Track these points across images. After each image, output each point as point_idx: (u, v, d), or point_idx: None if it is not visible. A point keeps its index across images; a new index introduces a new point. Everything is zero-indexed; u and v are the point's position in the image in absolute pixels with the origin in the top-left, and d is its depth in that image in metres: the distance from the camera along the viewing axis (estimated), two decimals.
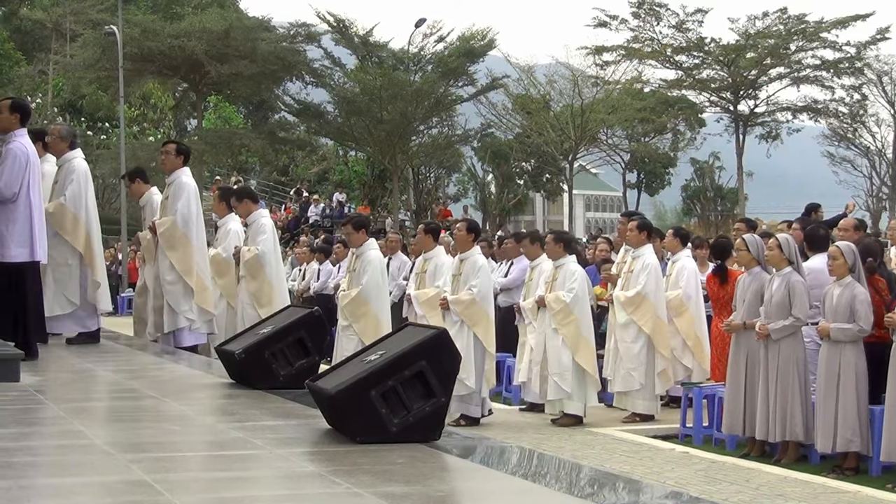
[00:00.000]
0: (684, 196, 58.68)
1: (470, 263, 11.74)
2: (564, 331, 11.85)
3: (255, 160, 56.09)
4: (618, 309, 12.34)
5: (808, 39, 47.51)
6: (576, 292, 11.86)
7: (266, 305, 11.27)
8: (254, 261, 11.52)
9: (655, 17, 48.46)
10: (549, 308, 11.92)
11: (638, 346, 12.18)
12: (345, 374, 5.68)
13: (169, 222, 10.98)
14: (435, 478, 4.88)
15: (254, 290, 11.50)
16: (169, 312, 11.00)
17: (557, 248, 12.14)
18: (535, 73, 47.49)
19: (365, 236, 12.06)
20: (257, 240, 11.67)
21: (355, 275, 11.86)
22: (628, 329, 12.26)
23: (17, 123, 9.29)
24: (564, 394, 11.82)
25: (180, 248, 10.98)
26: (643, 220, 13.04)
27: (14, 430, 5.93)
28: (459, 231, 12.29)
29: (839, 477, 9.25)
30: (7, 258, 8.97)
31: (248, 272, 11.57)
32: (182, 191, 11.07)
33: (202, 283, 11.07)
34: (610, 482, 4.92)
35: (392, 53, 45.13)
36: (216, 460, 5.36)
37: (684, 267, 13.17)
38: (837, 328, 9.38)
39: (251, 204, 12.05)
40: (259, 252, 11.50)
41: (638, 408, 12.21)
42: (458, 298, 11.56)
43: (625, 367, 12.19)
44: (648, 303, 12.18)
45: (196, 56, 40.88)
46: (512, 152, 51.12)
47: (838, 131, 51.47)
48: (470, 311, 11.53)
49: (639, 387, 12.15)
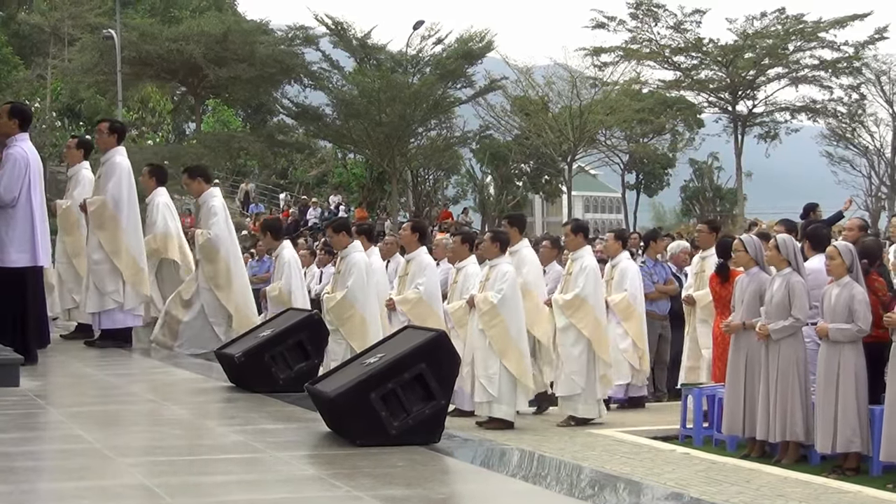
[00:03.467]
0: (683, 197, 58.65)
1: (416, 263, 11.71)
2: (492, 332, 11.65)
3: (253, 163, 56.04)
4: (557, 312, 12.15)
5: (807, 39, 47.52)
6: (504, 293, 11.61)
7: (225, 288, 11.08)
8: (208, 245, 11.14)
9: (653, 18, 48.46)
10: (478, 309, 11.71)
11: (578, 350, 11.98)
12: (344, 377, 5.68)
13: (99, 202, 10.71)
14: (435, 480, 4.88)
15: (211, 274, 11.16)
16: (94, 292, 10.74)
17: (493, 247, 11.92)
18: (533, 74, 47.51)
19: (347, 238, 11.94)
20: (209, 223, 11.26)
21: (340, 277, 11.77)
22: (568, 333, 12.05)
23: (17, 128, 9.29)
24: (490, 397, 11.69)
25: (109, 228, 10.71)
26: (578, 223, 13.03)
27: (15, 434, 5.93)
28: (405, 231, 12.21)
29: (840, 477, 9.25)
30: (7, 263, 8.97)
31: (203, 256, 11.22)
32: (114, 171, 10.77)
33: (135, 264, 10.79)
34: (611, 483, 4.93)
35: (390, 56, 45.14)
36: (216, 464, 5.36)
37: (627, 269, 13.19)
38: (836, 328, 9.38)
39: (203, 183, 11.61)
40: (212, 236, 11.13)
41: (579, 412, 12.03)
42: (405, 297, 11.46)
43: (566, 370, 12.01)
44: (587, 306, 11.99)
45: (194, 59, 40.89)
46: (511, 154, 51.10)
47: (837, 131, 51.46)
48: (417, 310, 11.41)
49: (580, 391, 11.98)
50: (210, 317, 11.10)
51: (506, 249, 12.13)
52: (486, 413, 11.82)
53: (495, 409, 11.75)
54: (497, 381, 11.63)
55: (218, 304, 11.11)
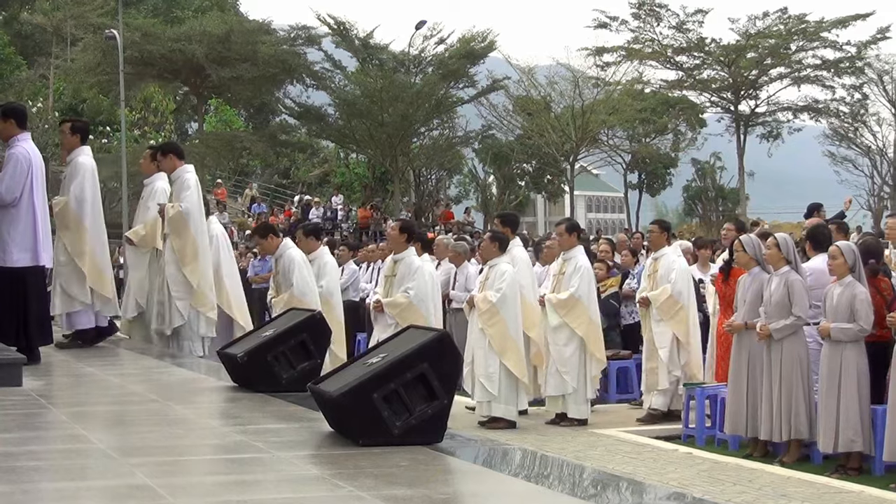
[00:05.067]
0: (686, 196, 58.61)
1: (405, 265, 11.46)
2: (491, 332, 11.68)
3: (256, 163, 56.11)
4: (550, 311, 12.11)
5: (809, 39, 47.48)
6: (504, 293, 11.63)
7: (191, 263, 10.98)
8: (178, 217, 11.03)
9: (656, 18, 48.43)
10: (477, 308, 11.73)
11: (570, 350, 11.96)
12: (347, 377, 5.68)
13: (62, 203, 10.64)
14: (438, 480, 4.88)
15: (178, 248, 11.02)
16: (62, 294, 10.70)
17: (492, 247, 11.92)
18: (535, 74, 47.45)
19: (275, 239, 11.69)
20: (181, 196, 11.16)
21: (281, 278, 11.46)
22: (560, 332, 12.03)
23: (15, 128, 9.27)
24: (490, 396, 11.71)
25: (73, 229, 10.67)
26: (571, 222, 12.90)
27: (17, 434, 5.93)
28: (392, 231, 12.01)
29: (842, 477, 9.25)
30: (9, 263, 8.98)
31: (172, 229, 11.08)
32: (77, 171, 10.67)
33: (97, 266, 10.74)
34: (613, 483, 4.92)
35: (393, 56, 45.15)
36: (219, 464, 5.36)
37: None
38: (838, 328, 9.38)
39: (176, 159, 11.45)
40: (183, 209, 11.01)
41: (571, 412, 12.00)
42: (394, 301, 11.25)
43: (557, 370, 11.98)
44: (581, 305, 11.97)
45: (197, 59, 40.93)
46: (513, 154, 51.10)
47: (839, 131, 51.40)
48: (406, 314, 11.11)
49: (571, 391, 11.95)
50: (172, 290, 10.99)
51: (505, 249, 12.12)
52: (487, 412, 11.82)
53: (495, 408, 11.76)
54: (497, 380, 11.64)
55: (182, 279, 11.00)
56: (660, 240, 12.88)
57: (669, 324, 12.35)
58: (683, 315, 12.34)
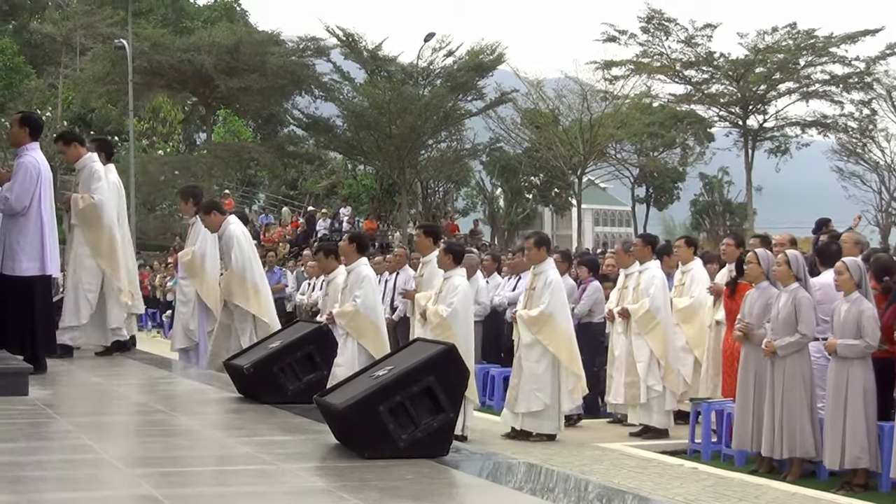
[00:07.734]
0: (693, 211, 58.57)
1: (355, 275, 11.25)
2: None
3: (263, 174, 56.16)
4: (522, 328, 12.01)
5: (818, 54, 47.42)
6: (455, 307, 11.33)
7: (107, 255, 10.74)
8: (90, 209, 10.70)
9: (664, 32, 48.41)
10: (429, 322, 11.46)
11: (542, 367, 11.87)
12: (353, 389, 5.68)
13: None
14: (443, 494, 4.88)
15: (93, 241, 10.74)
16: None
17: (446, 258, 11.59)
18: (543, 87, 47.48)
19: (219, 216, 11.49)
20: (92, 187, 10.78)
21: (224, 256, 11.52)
22: (533, 349, 11.93)
23: (28, 137, 9.33)
24: None
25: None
26: (540, 236, 12.80)
27: (23, 444, 5.94)
28: (343, 243, 11.82)
29: (848, 493, 9.23)
30: (18, 272, 9.01)
31: (82, 221, 10.79)
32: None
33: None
34: (618, 498, 4.91)
35: (401, 68, 45.21)
36: (224, 475, 5.36)
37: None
38: (844, 344, 9.36)
39: (80, 147, 11.09)
40: (96, 200, 10.69)
41: (543, 428, 11.94)
42: (342, 311, 11.08)
43: (529, 386, 11.87)
44: (553, 321, 11.85)
45: (205, 70, 41.00)
46: (521, 166, 51.13)
47: (847, 146, 51.31)
48: (355, 323, 11.02)
49: (542, 407, 11.87)
50: (84, 284, 10.73)
51: (460, 261, 11.83)
52: None
53: None
54: None
55: (97, 270, 10.75)
56: (643, 253, 12.86)
57: (646, 338, 12.37)
58: (660, 331, 12.36)
